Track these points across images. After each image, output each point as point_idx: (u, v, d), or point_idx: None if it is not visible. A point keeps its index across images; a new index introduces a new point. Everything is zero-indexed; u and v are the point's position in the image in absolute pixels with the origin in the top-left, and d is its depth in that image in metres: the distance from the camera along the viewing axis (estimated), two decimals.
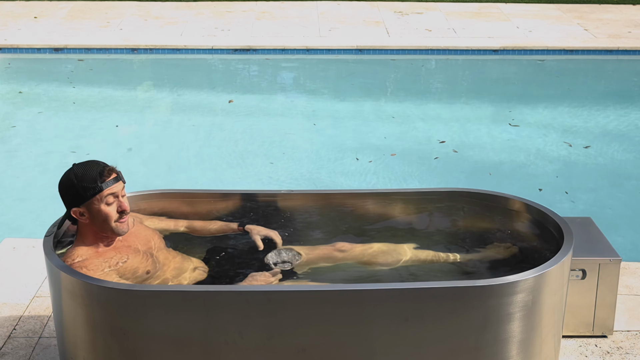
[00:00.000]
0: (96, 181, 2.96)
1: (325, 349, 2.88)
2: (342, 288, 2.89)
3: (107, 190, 2.97)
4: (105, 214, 2.99)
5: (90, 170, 2.98)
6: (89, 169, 2.99)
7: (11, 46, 9.13)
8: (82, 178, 2.97)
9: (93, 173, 2.97)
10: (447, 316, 2.86)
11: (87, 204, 2.98)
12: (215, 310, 2.82)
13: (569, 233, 3.14)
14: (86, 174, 2.97)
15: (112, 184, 2.99)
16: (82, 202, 2.98)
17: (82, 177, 2.97)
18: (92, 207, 2.98)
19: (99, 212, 2.99)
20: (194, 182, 6.16)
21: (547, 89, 8.46)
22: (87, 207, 2.99)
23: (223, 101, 7.94)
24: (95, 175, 2.96)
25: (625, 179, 6.28)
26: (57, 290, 2.97)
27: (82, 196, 2.97)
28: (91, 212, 2.99)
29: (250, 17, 10.41)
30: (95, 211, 2.99)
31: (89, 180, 2.96)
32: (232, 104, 7.84)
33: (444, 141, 6.74)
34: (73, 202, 2.99)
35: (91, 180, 2.96)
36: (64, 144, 6.78)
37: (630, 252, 4.87)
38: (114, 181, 3.00)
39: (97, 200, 2.97)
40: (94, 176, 2.96)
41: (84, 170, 2.99)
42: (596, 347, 3.57)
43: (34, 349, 3.54)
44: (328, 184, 6.11)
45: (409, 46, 9.21)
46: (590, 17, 10.53)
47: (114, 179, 3.00)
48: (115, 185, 3.00)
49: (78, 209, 3.00)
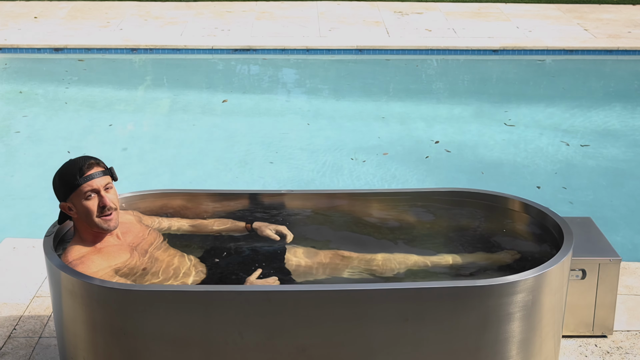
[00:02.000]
0: (75, 176, 2.97)
1: (325, 349, 2.88)
2: (342, 288, 2.89)
3: (86, 185, 2.97)
4: (86, 209, 2.99)
5: (73, 165, 3.00)
6: (73, 164, 3.01)
7: (11, 46, 9.12)
8: (64, 173, 3.00)
9: (74, 168, 2.99)
10: (447, 316, 2.86)
11: (71, 199, 3.01)
12: (216, 310, 2.82)
13: (569, 233, 3.14)
14: (68, 169, 3.00)
15: (90, 179, 2.97)
16: (66, 197, 3.02)
17: (64, 172, 3.00)
18: (75, 202, 3.01)
19: (82, 207, 3.00)
20: (193, 182, 6.15)
21: (547, 89, 8.46)
22: (72, 202, 3.02)
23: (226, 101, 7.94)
24: (75, 171, 2.98)
25: (626, 178, 6.27)
26: (57, 290, 2.97)
27: (64, 191, 3.00)
28: (77, 207, 3.02)
29: (250, 17, 10.41)
30: (78, 206, 3.01)
31: (69, 175, 2.98)
32: (230, 104, 7.84)
33: (438, 141, 6.74)
34: (59, 197, 3.05)
35: (71, 176, 2.98)
36: (64, 144, 6.78)
37: (630, 252, 4.87)
38: (97, 175, 2.98)
39: (76, 196, 2.99)
40: (74, 171, 2.98)
41: (68, 165, 3.02)
42: (596, 347, 3.57)
43: (34, 348, 3.54)
44: (327, 184, 6.10)
45: (409, 46, 9.20)
46: (590, 17, 10.53)
47: (95, 172, 2.98)
48: (95, 181, 2.98)
49: (66, 204, 3.03)
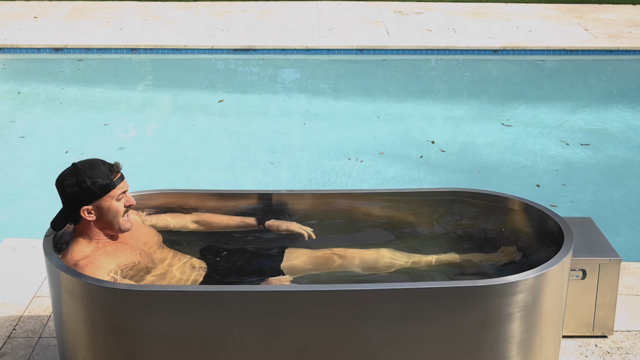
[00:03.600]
0: (109, 178, 3.00)
1: (325, 349, 2.88)
2: (342, 288, 2.89)
3: (119, 187, 3.03)
4: (115, 210, 3.03)
5: (99, 167, 3.01)
6: (97, 167, 3.01)
7: (11, 46, 9.12)
8: (93, 175, 2.98)
9: (104, 170, 3.01)
10: (447, 316, 2.86)
11: (99, 202, 3.00)
12: (216, 310, 2.82)
13: (569, 233, 3.14)
14: (96, 171, 2.99)
15: (121, 180, 3.05)
16: (94, 200, 3.00)
17: (93, 175, 2.98)
18: (102, 204, 3.01)
19: (110, 209, 3.02)
20: (193, 182, 6.15)
21: (547, 89, 8.45)
22: (97, 204, 3.01)
23: (224, 101, 7.93)
24: (107, 173, 3.01)
25: (626, 178, 6.27)
26: (57, 291, 2.97)
27: (95, 194, 2.99)
28: (101, 209, 3.01)
29: (250, 17, 10.40)
30: (105, 208, 3.01)
31: (102, 177, 2.99)
32: (230, 104, 7.84)
33: (434, 142, 6.73)
34: (82, 201, 3.00)
35: (104, 177, 2.99)
36: (63, 144, 6.77)
37: (630, 252, 4.86)
38: (122, 177, 3.06)
39: (109, 197, 3.01)
40: (106, 173, 3.00)
41: (92, 168, 3.00)
42: (596, 347, 3.57)
43: (33, 349, 3.53)
44: (326, 184, 6.10)
45: (409, 46, 9.20)
46: (590, 17, 10.52)
47: (121, 175, 3.06)
48: (124, 182, 3.07)
49: (87, 207, 3.00)
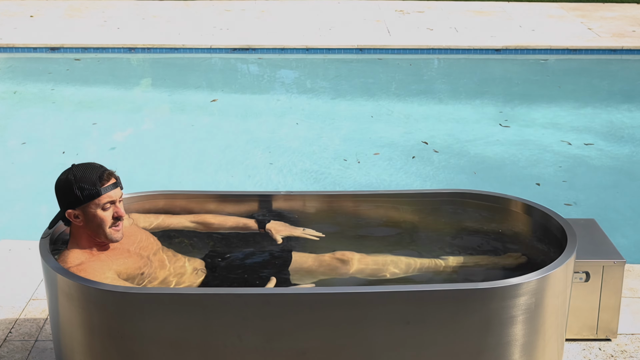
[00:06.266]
0: (95, 185, 2.92)
1: (325, 353, 2.86)
2: (342, 291, 2.87)
3: (105, 196, 2.94)
4: (100, 219, 2.95)
5: (90, 173, 2.94)
6: (89, 172, 2.94)
7: (7, 45, 9.09)
8: (80, 180, 2.92)
9: (93, 176, 2.93)
10: (449, 319, 2.83)
11: (83, 207, 2.94)
12: (214, 313, 2.80)
13: (573, 235, 3.12)
14: (85, 176, 2.93)
15: (110, 189, 2.95)
16: (79, 205, 2.94)
17: (81, 179, 2.92)
18: (87, 210, 2.94)
19: (94, 217, 2.95)
20: (192, 182, 6.13)
21: (550, 89, 8.42)
22: (82, 210, 2.95)
23: (222, 101, 7.91)
24: (95, 179, 2.92)
25: (630, 180, 6.25)
26: (54, 293, 2.94)
27: (79, 199, 2.92)
28: (86, 215, 2.95)
29: (249, 16, 10.38)
30: (90, 215, 2.95)
31: (88, 183, 2.92)
32: (229, 104, 7.83)
33: (427, 142, 6.70)
34: (69, 204, 2.95)
35: (90, 183, 2.92)
36: (60, 144, 6.74)
37: (635, 254, 4.85)
38: (113, 187, 2.96)
39: (94, 205, 2.93)
40: (94, 179, 2.92)
41: (83, 172, 2.94)
42: (600, 350, 3.54)
43: (30, 352, 3.51)
44: (325, 185, 6.08)
45: (410, 45, 9.17)
46: (593, 16, 10.49)
47: (112, 184, 2.96)
48: (113, 192, 2.96)
49: (73, 211, 2.95)
